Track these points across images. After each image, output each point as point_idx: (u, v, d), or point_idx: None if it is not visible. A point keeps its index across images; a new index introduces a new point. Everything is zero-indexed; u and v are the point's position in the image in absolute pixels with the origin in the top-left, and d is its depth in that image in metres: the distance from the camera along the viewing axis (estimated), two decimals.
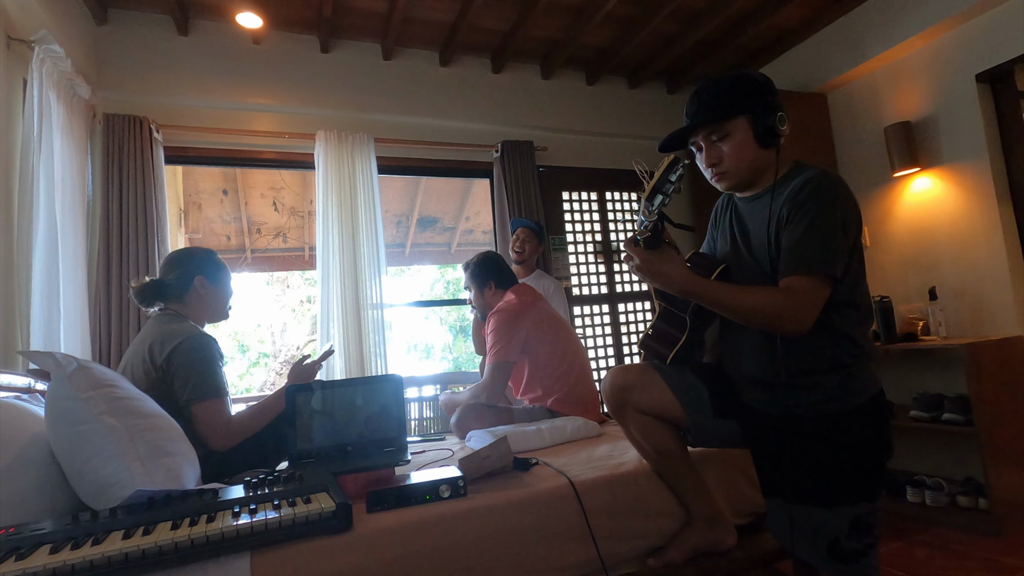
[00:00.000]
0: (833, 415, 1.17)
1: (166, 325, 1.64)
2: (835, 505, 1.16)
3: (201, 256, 1.80)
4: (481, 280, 2.40)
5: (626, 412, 1.40)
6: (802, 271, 1.14)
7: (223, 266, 1.84)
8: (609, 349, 3.73)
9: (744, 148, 1.23)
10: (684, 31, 3.35)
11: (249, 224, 5.16)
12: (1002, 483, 2.34)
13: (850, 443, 1.16)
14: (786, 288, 1.15)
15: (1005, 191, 2.67)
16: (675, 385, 1.36)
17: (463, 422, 2.08)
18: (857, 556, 1.14)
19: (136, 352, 1.61)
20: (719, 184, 1.30)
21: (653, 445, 1.38)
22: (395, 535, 1.13)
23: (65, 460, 1.16)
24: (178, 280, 1.73)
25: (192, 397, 1.54)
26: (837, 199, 1.15)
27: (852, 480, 1.16)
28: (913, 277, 2.99)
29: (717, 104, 1.23)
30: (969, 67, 2.71)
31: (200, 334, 1.63)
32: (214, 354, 1.62)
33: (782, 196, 1.20)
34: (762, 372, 1.24)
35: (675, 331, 1.36)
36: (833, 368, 1.17)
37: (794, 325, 1.13)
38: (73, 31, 2.48)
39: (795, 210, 1.16)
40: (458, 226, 5.85)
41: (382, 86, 3.28)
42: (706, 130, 1.26)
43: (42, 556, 0.91)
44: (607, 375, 1.44)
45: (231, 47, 3.01)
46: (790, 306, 1.13)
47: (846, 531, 1.14)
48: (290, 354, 7.18)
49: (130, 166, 2.63)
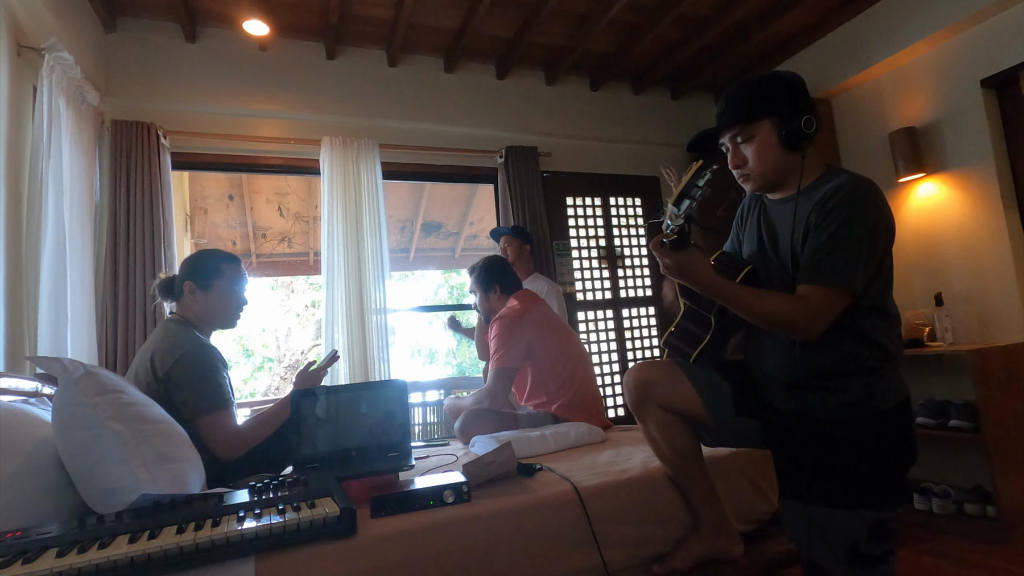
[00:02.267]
0: (857, 419, 1.17)
1: (170, 334, 1.63)
2: (855, 508, 1.15)
3: (197, 260, 1.74)
4: (486, 284, 2.40)
5: (647, 407, 1.39)
6: (819, 282, 1.13)
7: (222, 273, 1.73)
8: (613, 355, 3.72)
9: (768, 150, 1.23)
10: (688, 37, 3.36)
11: (254, 229, 5.19)
12: (1010, 491, 2.32)
13: (873, 447, 1.16)
14: (801, 296, 1.14)
15: (1011, 196, 2.66)
16: (699, 383, 1.35)
17: (467, 427, 2.08)
18: (875, 562, 1.13)
19: (141, 360, 1.62)
20: (745, 186, 1.31)
21: (671, 444, 1.38)
22: (399, 540, 1.13)
23: (72, 465, 1.17)
24: (177, 283, 1.73)
25: (196, 411, 1.53)
26: (867, 208, 1.14)
27: (873, 484, 1.15)
28: (919, 283, 2.97)
29: (743, 106, 1.24)
30: (974, 72, 2.71)
31: (199, 345, 1.60)
32: (215, 365, 1.60)
33: (812, 201, 1.19)
34: (786, 373, 1.24)
35: (700, 330, 1.36)
36: (858, 372, 1.17)
37: (803, 333, 1.14)
38: (82, 39, 2.51)
39: (822, 217, 1.15)
40: (462, 231, 5.86)
41: (387, 92, 3.30)
42: (732, 131, 1.26)
43: (48, 560, 0.91)
44: (630, 370, 1.43)
45: (238, 54, 3.03)
46: (802, 315, 1.13)
47: (865, 535, 1.14)
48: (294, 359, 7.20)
49: (137, 172, 2.65)
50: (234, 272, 1.77)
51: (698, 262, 1.20)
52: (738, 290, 1.20)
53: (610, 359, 3.71)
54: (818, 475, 1.19)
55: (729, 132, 1.27)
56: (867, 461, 1.15)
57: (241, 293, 1.80)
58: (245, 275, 1.82)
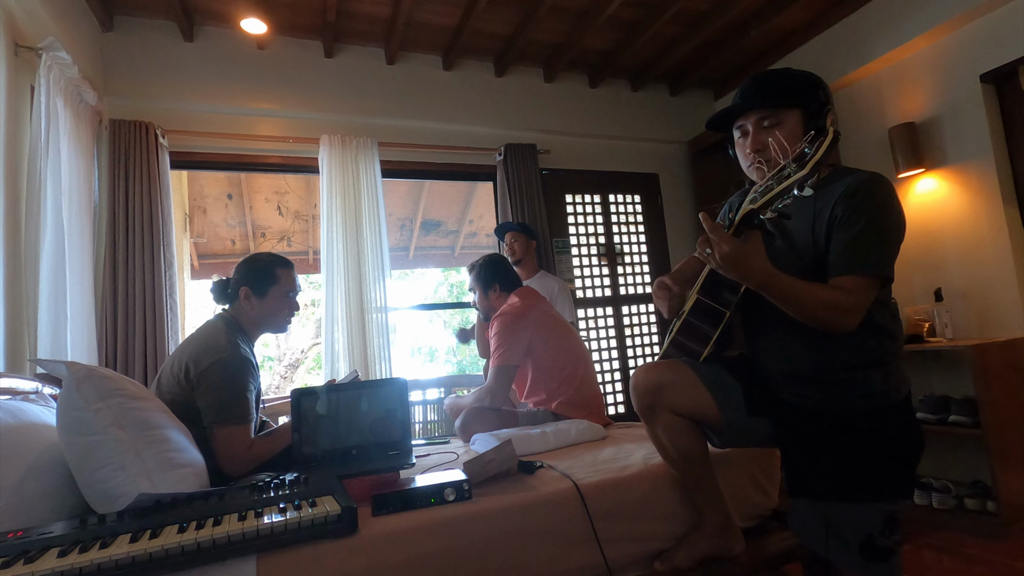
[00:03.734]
0: (874, 410, 1.18)
1: (214, 334, 1.63)
2: (872, 501, 1.15)
3: (255, 266, 1.76)
4: (486, 282, 2.40)
5: (657, 411, 1.35)
6: (859, 271, 1.13)
7: (279, 279, 1.76)
8: (613, 352, 3.72)
9: (792, 139, 1.21)
10: (687, 33, 3.35)
11: (254, 228, 5.18)
12: (1010, 486, 2.32)
13: (889, 438, 1.17)
14: (843, 287, 1.13)
15: (1011, 192, 2.66)
16: (711, 383, 1.32)
17: (467, 425, 2.08)
18: (888, 554, 1.14)
19: (180, 355, 1.61)
20: (756, 173, 1.26)
21: (680, 449, 1.35)
22: (400, 538, 1.13)
23: (76, 468, 1.17)
24: (232, 286, 1.75)
25: (215, 420, 1.52)
26: (893, 201, 1.16)
27: (890, 476, 1.16)
28: (918, 278, 2.97)
29: (776, 90, 1.23)
30: (973, 67, 2.70)
31: (236, 356, 1.59)
32: (245, 378, 1.59)
33: (832, 196, 1.19)
34: (806, 367, 1.23)
35: (708, 327, 1.29)
36: (874, 364, 1.18)
37: (845, 324, 1.13)
38: (80, 38, 2.50)
39: (850, 210, 1.15)
40: (462, 229, 5.86)
41: (386, 90, 3.30)
42: (759, 114, 1.24)
43: (50, 560, 0.91)
44: (637, 372, 1.39)
45: (236, 53, 3.03)
46: (847, 305, 1.12)
47: (880, 528, 1.14)
48: (295, 357, 7.20)
49: (136, 171, 2.64)
50: (290, 278, 1.79)
51: (760, 253, 1.14)
52: (794, 283, 1.13)
53: (610, 356, 3.71)
54: (832, 470, 1.19)
55: (757, 114, 1.25)
56: (883, 453, 1.16)
57: (295, 299, 1.82)
58: (297, 280, 1.84)
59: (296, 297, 1.83)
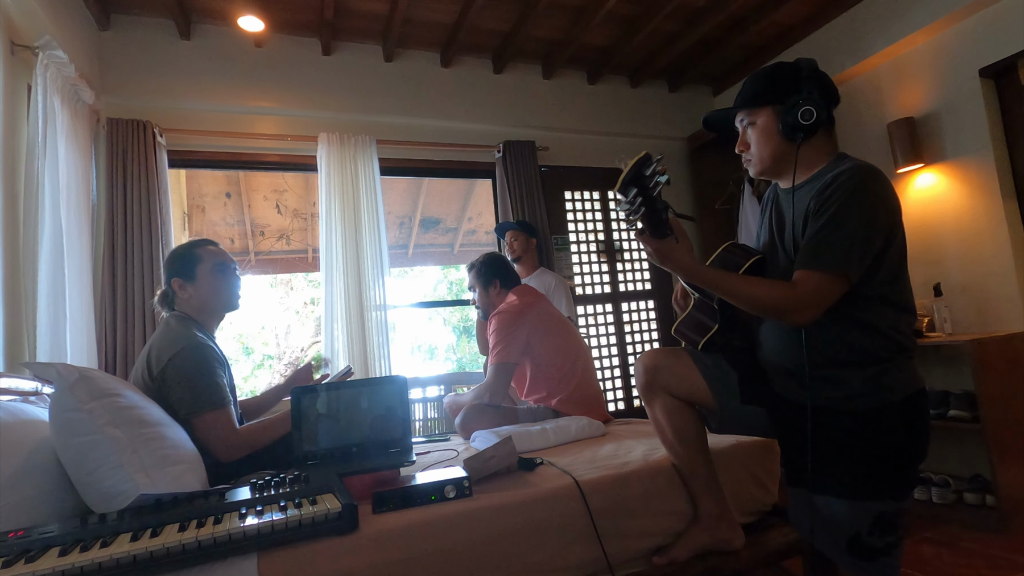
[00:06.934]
0: (861, 411, 1.15)
1: (167, 332, 1.61)
2: (857, 500, 1.15)
3: (171, 258, 1.73)
4: (486, 280, 2.40)
5: (654, 391, 1.41)
6: (812, 267, 1.14)
7: (199, 258, 1.70)
8: (613, 348, 3.73)
9: (767, 137, 1.27)
10: (685, 29, 3.34)
11: (252, 227, 5.17)
12: (1009, 480, 2.33)
13: (877, 440, 1.14)
14: (793, 282, 1.15)
15: (1010, 186, 2.66)
16: (705, 368, 1.37)
17: (467, 423, 2.09)
18: (877, 554, 1.13)
19: (141, 359, 1.61)
20: (748, 170, 1.35)
21: (676, 429, 1.39)
22: (401, 536, 1.14)
23: (71, 470, 1.17)
24: (167, 286, 1.72)
25: (191, 411, 1.50)
26: (863, 194, 1.13)
27: (877, 477, 1.15)
28: (918, 273, 2.97)
29: (751, 92, 1.28)
30: (972, 62, 2.70)
31: (194, 345, 1.57)
32: (210, 364, 1.57)
33: (815, 189, 1.20)
34: (791, 362, 1.24)
35: (708, 319, 1.39)
36: (862, 363, 1.16)
37: (794, 319, 1.15)
38: (77, 37, 2.49)
39: (819, 204, 1.16)
40: (461, 227, 5.85)
41: (384, 88, 3.29)
42: (742, 114, 1.32)
43: (51, 559, 0.91)
44: (641, 356, 1.47)
45: (233, 50, 3.02)
46: (792, 300, 1.13)
47: (868, 527, 1.14)
48: (294, 356, 7.20)
49: (134, 170, 2.64)
50: (211, 253, 1.74)
51: (677, 249, 1.21)
52: (724, 277, 1.21)
53: (609, 353, 3.71)
54: (821, 465, 1.19)
55: (740, 114, 1.32)
56: (871, 454, 1.15)
57: (230, 271, 1.76)
58: (225, 253, 1.78)
59: (232, 270, 1.77)
